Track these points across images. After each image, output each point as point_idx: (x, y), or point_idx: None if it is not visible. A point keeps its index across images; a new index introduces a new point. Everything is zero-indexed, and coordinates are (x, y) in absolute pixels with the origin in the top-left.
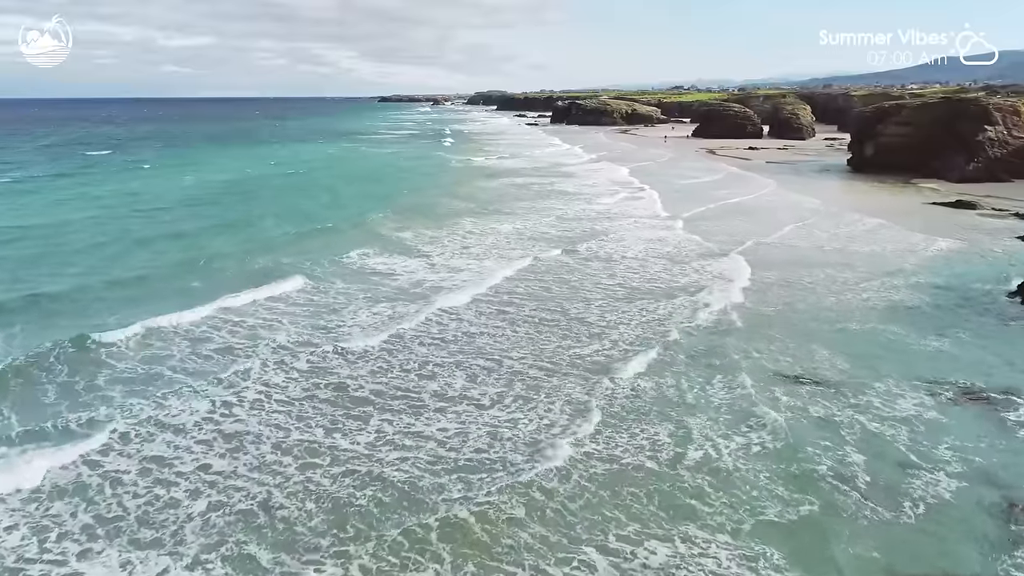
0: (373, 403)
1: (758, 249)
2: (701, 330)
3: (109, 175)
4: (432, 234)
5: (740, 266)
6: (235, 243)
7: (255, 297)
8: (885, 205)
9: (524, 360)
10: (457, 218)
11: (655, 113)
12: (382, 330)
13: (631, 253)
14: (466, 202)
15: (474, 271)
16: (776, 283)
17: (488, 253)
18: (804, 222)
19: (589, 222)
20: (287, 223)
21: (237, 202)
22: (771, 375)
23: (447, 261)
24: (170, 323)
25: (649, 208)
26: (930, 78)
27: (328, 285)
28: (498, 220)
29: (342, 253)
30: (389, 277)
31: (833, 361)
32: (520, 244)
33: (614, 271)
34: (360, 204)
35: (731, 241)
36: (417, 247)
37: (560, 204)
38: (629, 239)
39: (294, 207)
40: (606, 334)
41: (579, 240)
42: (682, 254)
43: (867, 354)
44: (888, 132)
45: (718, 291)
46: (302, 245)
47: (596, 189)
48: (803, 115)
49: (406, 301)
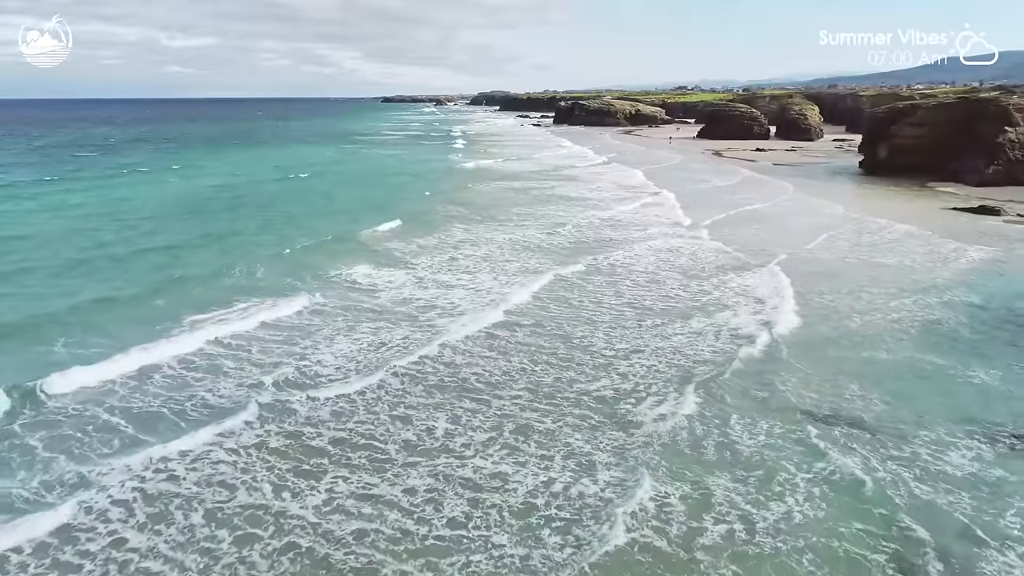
0: (335, 454)
1: (793, 262)
2: (745, 361)
3: (95, 180)
4: (439, 248)
5: (781, 283)
6: (213, 260)
7: (219, 333)
8: (904, 211)
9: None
10: (467, 227)
11: (659, 114)
12: (361, 366)
13: (662, 265)
14: (476, 211)
15: (493, 292)
16: (814, 301)
17: (506, 268)
18: (835, 231)
19: (612, 229)
20: (274, 235)
21: (225, 211)
22: (798, 416)
23: (448, 277)
24: (126, 367)
25: (670, 215)
26: (934, 78)
27: (310, 309)
28: (521, 228)
29: (331, 270)
30: (371, 294)
31: (866, 398)
32: (543, 256)
33: (642, 286)
34: (356, 214)
35: (763, 253)
36: (413, 260)
37: (580, 211)
38: (657, 249)
39: (285, 217)
40: (617, 365)
41: (604, 250)
42: (713, 268)
43: (904, 390)
44: (902, 133)
45: (746, 313)
46: (287, 262)
47: (614, 193)
48: (811, 116)
49: (406, 326)
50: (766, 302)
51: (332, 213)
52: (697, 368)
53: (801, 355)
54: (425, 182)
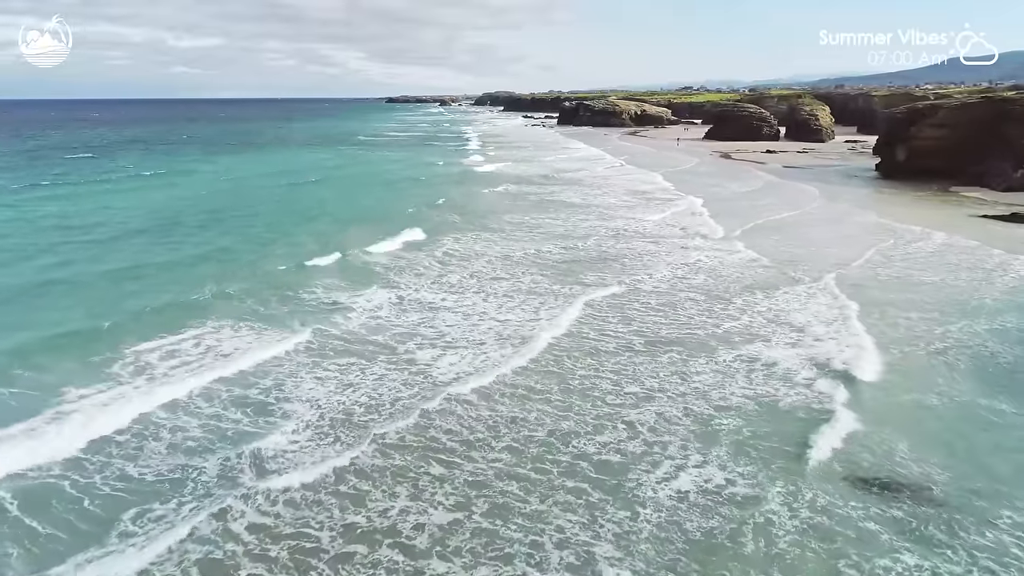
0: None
1: (850, 280)
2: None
3: (79, 186)
4: (453, 273)
5: (845, 307)
6: (163, 293)
7: (172, 395)
8: (931, 219)
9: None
10: (486, 243)
11: (665, 114)
12: (313, 454)
13: (713, 284)
14: (496, 224)
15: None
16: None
17: (535, 297)
18: (879, 243)
19: (648, 241)
20: (246, 261)
21: (201, 228)
22: (842, 482)
23: (454, 302)
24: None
25: (701, 224)
26: (941, 78)
27: (282, 357)
28: (551, 240)
29: (320, 301)
30: (357, 334)
31: (923, 460)
32: (574, 277)
33: (700, 306)
34: (356, 229)
35: (811, 267)
36: (422, 290)
37: (609, 221)
38: (694, 264)
39: (266, 238)
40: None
41: (644, 266)
42: (762, 285)
43: (967, 446)
44: (922, 135)
45: (804, 344)
46: (261, 291)
47: (640, 199)
48: (822, 116)
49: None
50: (834, 334)
51: (329, 228)
52: (734, 419)
53: (861, 403)
54: (434, 189)
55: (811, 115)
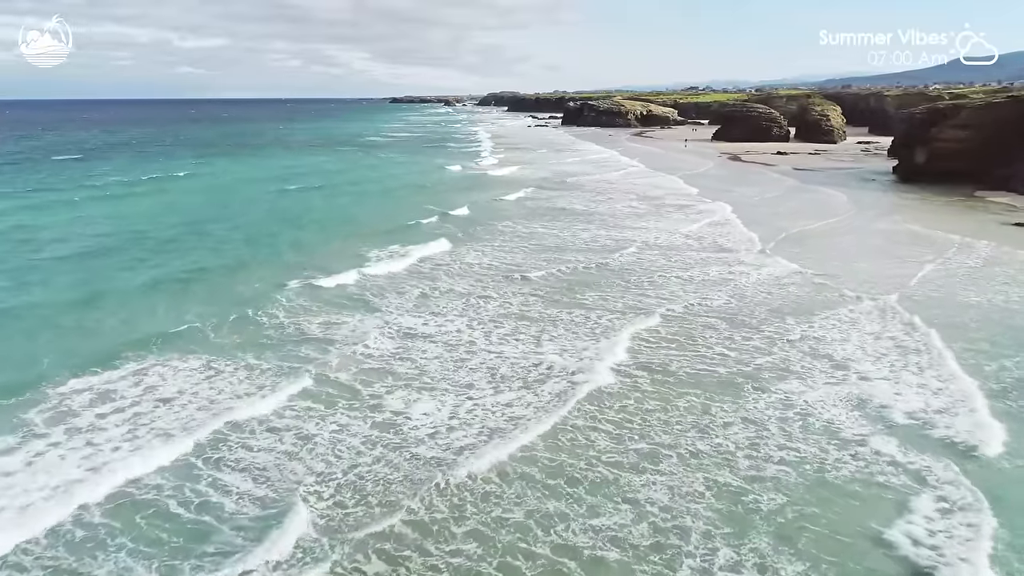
0: None
1: (915, 299)
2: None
3: (55, 192)
4: (471, 318)
5: (923, 334)
6: (113, 324)
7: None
8: (965, 227)
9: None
10: (509, 266)
11: (671, 114)
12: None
13: (777, 305)
14: (513, 245)
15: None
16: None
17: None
18: (932, 257)
19: (687, 255)
20: (216, 284)
21: (175, 243)
22: None
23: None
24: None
25: (738, 235)
26: (950, 78)
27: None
28: (585, 253)
29: (294, 357)
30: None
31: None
32: (620, 309)
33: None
34: (342, 254)
35: (868, 285)
36: (431, 339)
37: (643, 232)
38: (739, 280)
39: (245, 256)
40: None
41: (703, 289)
42: (820, 306)
43: None
44: (943, 136)
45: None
46: (214, 329)
47: (669, 203)
48: (833, 117)
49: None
50: (916, 370)
51: (319, 244)
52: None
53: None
54: (441, 196)
55: (822, 115)
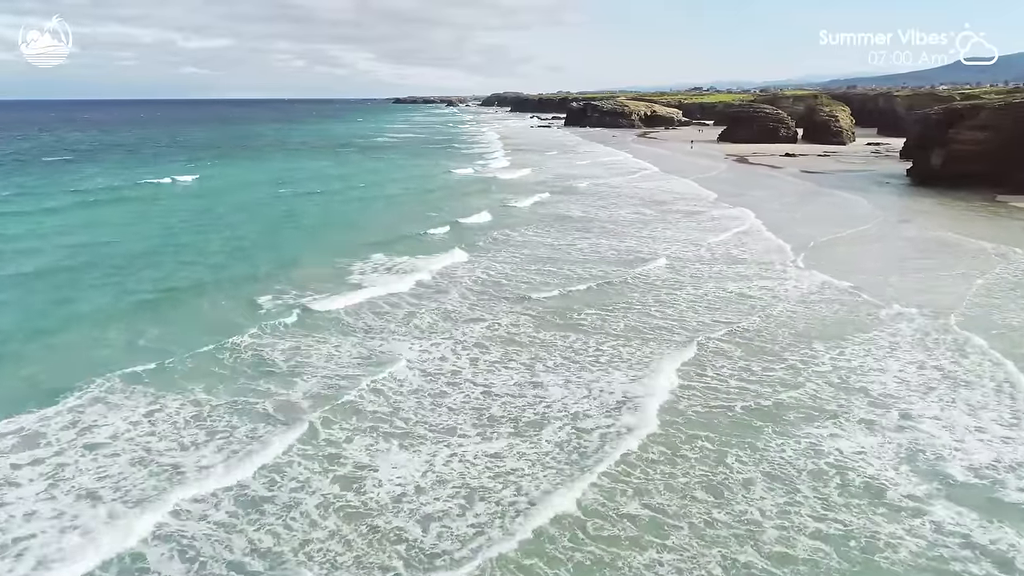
0: None
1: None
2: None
3: (27, 200)
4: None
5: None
6: (50, 358)
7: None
8: (989, 233)
9: None
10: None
11: (676, 115)
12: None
13: (796, 322)
14: (533, 266)
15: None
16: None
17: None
18: (980, 268)
19: (723, 268)
20: (177, 306)
21: (141, 262)
22: None
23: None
24: None
25: (767, 242)
26: (957, 79)
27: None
28: (603, 266)
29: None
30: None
31: None
32: (651, 338)
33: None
34: (331, 273)
35: (926, 305)
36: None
37: (671, 245)
38: (780, 295)
39: (220, 273)
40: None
41: (743, 314)
42: (884, 330)
43: None
44: (961, 138)
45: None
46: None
47: (690, 207)
48: (842, 117)
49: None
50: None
51: (303, 264)
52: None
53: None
54: (447, 205)
55: (831, 116)
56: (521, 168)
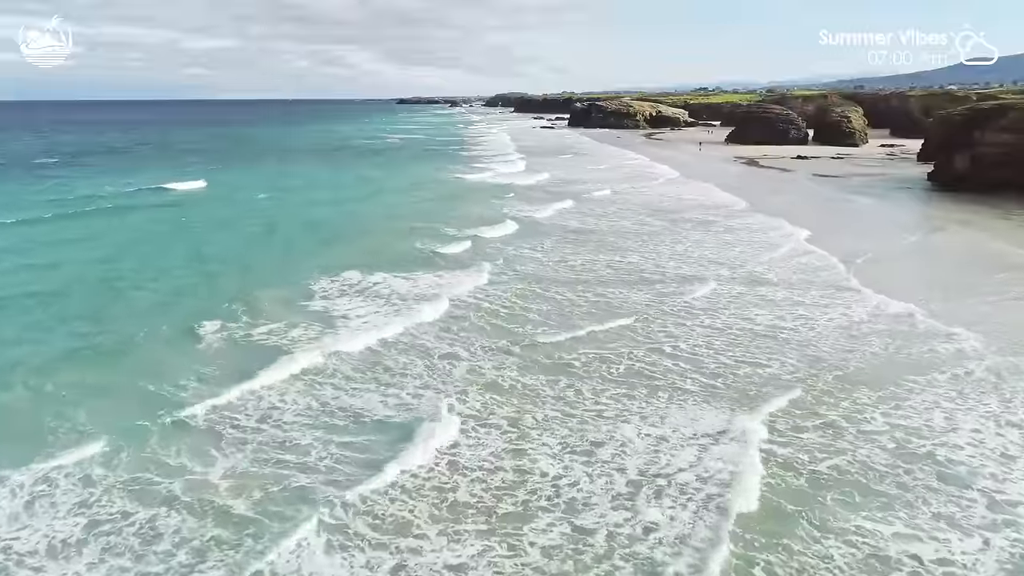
0: None
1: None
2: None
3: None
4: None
5: None
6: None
7: None
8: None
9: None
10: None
11: (682, 115)
12: None
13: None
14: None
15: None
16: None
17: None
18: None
19: (774, 292)
20: (83, 364)
21: (57, 303)
22: None
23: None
24: None
25: (823, 261)
26: (965, 79)
27: None
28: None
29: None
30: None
31: None
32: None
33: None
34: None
35: (985, 335)
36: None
37: (716, 268)
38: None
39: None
40: None
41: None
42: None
43: None
44: (989, 141)
45: None
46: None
47: (724, 222)
48: (855, 118)
49: None
50: None
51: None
52: None
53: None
54: (458, 218)
55: (843, 117)
56: (536, 173)
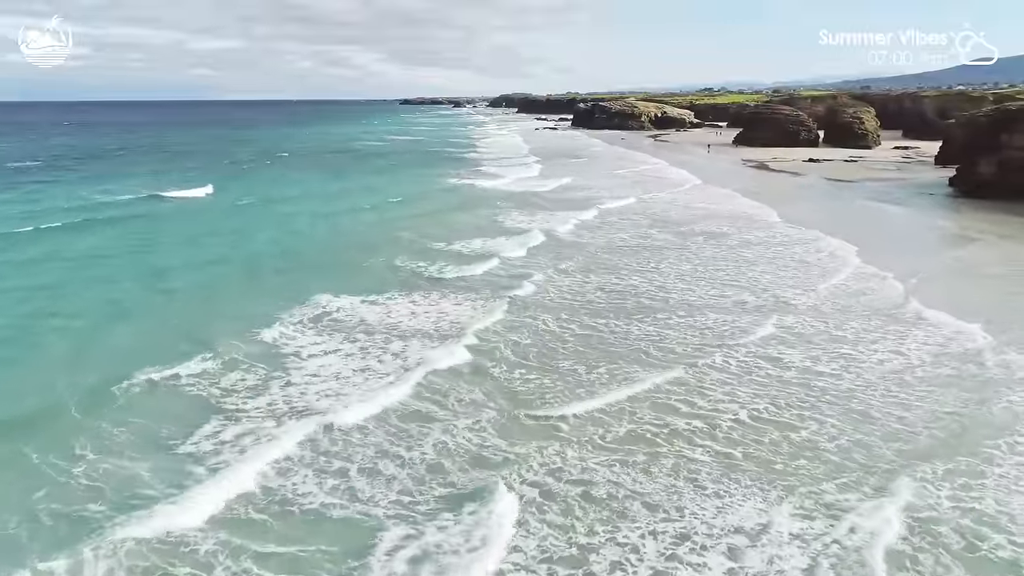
0: None
1: None
2: None
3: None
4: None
5: None
6: None
7: None
8: None
9: None
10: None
11: (687, 116)
12: None
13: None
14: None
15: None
16: None
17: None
18: None
19: (855, 318)
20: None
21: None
22: None
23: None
24: None
25: (887, 286)
26: (973, 79)
27: None
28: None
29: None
30: None
31: None
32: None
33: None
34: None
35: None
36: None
37: (757, 293)
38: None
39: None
40: None
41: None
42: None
43: None
44: (1017, 144)
45: None
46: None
47: (764, 236)
48: (867, 120)
49: None
50: None
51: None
52: None
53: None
54: (472, 232)
55: (855, 118)
56: (552, 179)
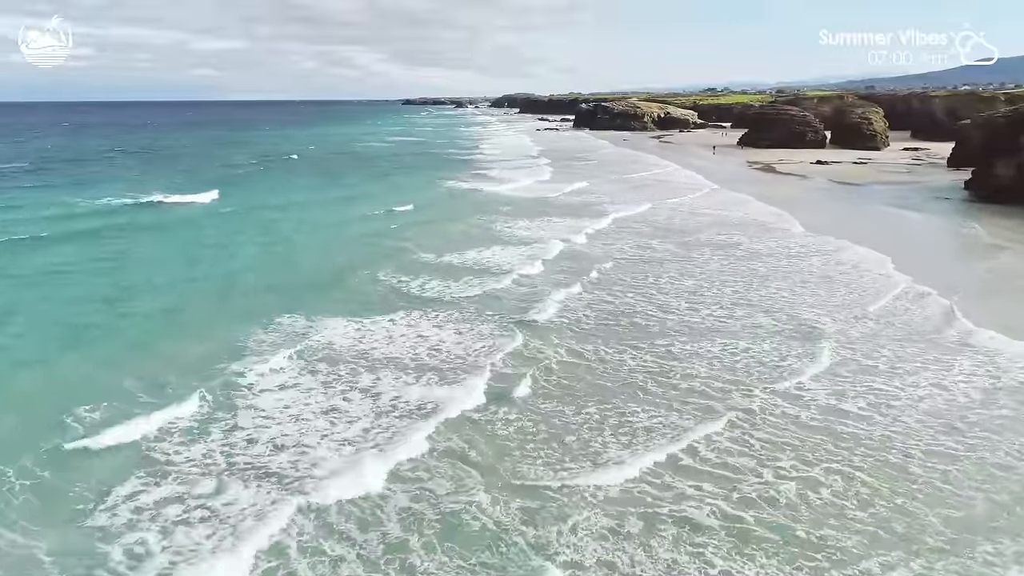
0: None
1: None
2: None
3: None
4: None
5: None
6: None
7: None
8: None
9: None
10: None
11: (691, 117)
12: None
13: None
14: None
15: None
16: None
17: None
18: None
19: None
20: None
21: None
22: None
23: None
24: None
25: (937, 307)
26: (978, 79)
27: None
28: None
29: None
30: None
31: None
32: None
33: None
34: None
35: None
36: None
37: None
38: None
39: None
40: None
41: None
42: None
43: None
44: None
45: None
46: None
47: (800, 250)
48: (876, 120)
49: None
50: None
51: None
52: None
53: None
54: (479, 247)
55: (863, 119)
56: (564, 183)
